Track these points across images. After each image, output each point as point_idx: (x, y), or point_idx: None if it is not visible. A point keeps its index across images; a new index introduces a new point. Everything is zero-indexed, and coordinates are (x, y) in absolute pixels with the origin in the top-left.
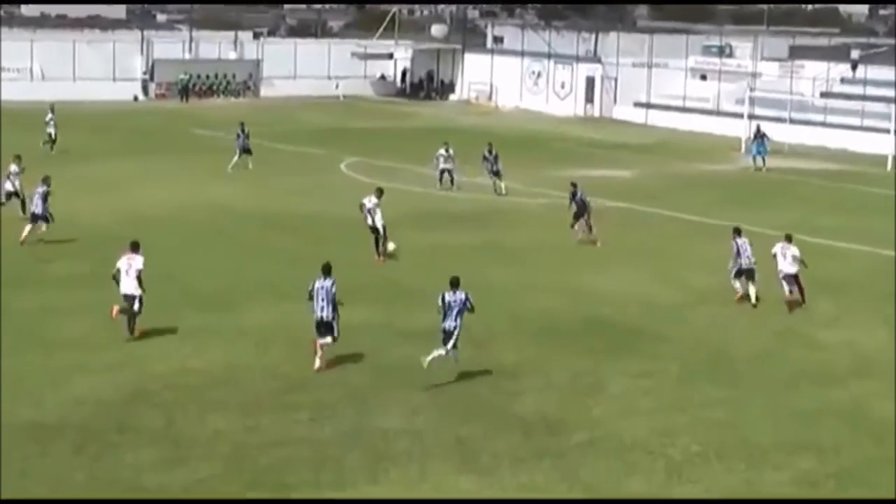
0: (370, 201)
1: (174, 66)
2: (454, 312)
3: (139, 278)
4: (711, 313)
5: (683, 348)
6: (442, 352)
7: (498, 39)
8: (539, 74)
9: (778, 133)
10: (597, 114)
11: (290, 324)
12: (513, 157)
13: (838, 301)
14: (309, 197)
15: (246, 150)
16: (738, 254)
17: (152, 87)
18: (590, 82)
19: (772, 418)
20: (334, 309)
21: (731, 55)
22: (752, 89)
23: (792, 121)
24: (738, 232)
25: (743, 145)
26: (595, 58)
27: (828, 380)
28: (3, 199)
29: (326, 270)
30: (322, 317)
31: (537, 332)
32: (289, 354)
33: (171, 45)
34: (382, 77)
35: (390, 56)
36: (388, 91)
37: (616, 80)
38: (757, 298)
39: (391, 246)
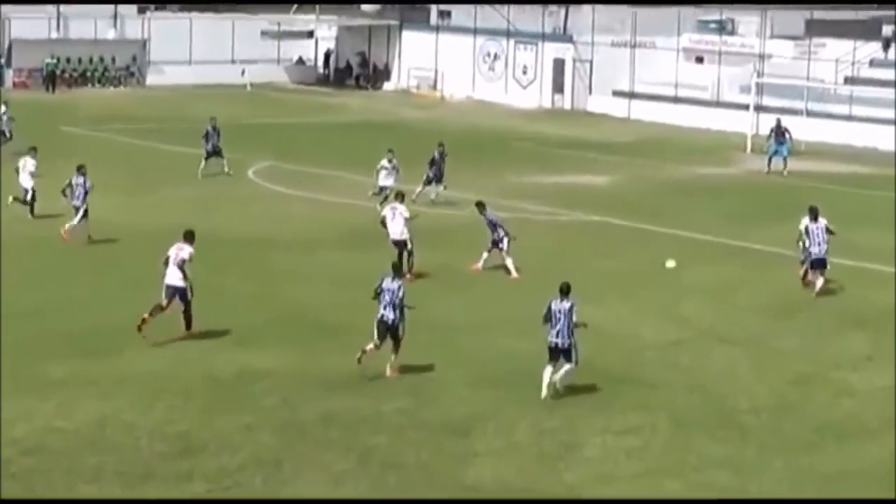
0: (393, 210)
1: (38, 47)
2: (561, 326)
3: (182, 269)
4: (712, 354)
5: (677, 397)
6: (550, 370)
7: (444, 14)
8: (496, 57)
9: (793, 128)
10: (567, 105)
11: (183, 371)
12: (463, 160)
13: (872, 337)
14: (208, 211)
15: (216, 152)
16: (809, 240)
17: (9, 74)
18: (559, 66)
19: (788, 483)
20: (401, 312)
21: (733, 32)
22: (759, 74)
23: (809, 113)
24: (813, 214)
25: (749, 143)
26: (565, 36)
27: (858, 435)
28: (27, 199)
29: (396, 270)
30: (386, 318)
31: (495, 378)
32: (182, 410)
33: (34, 23)
34: (300, 61)
35: (310, 35)
36: (307, 78)
37: (591, 63)
38: (823, 286)
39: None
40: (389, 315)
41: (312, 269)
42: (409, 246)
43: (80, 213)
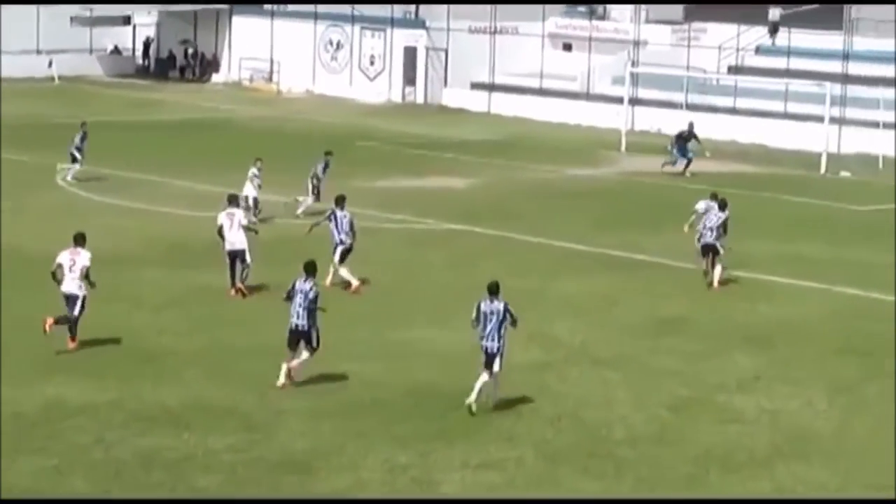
0: (231, 217)
1: None
2: (492, 328)
3: (87, 277)
4: (584, 377)
5: (545, 427)
6: (486, 377)
7: None
8: (339, 45)
9: (670, 123)
10: (420, 99)
11: None
12: (300, 163)
13: (761, 355)
14: (9, 224)
15: (72, 157)
16: (705, 223)
17: None
18: (410, 56)
19: None
20: (310, 316)
21: (604, 16)
22: (634, 63)
23: (689, 106)
24: (721, 203)
25: (623, 141)
26: (417, 21)
27: (745, 465)
28: None
29: (309, 270)
30: (297, 325)
31: (341, 408)
32: None
33: None
34: (116, 50)
35: (127, 21)
36: (124, 70)
37: (446, 52)
38: (719, 283)
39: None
40: (301, 322)
41: (131, 289)
42: (247, 258)
43: None
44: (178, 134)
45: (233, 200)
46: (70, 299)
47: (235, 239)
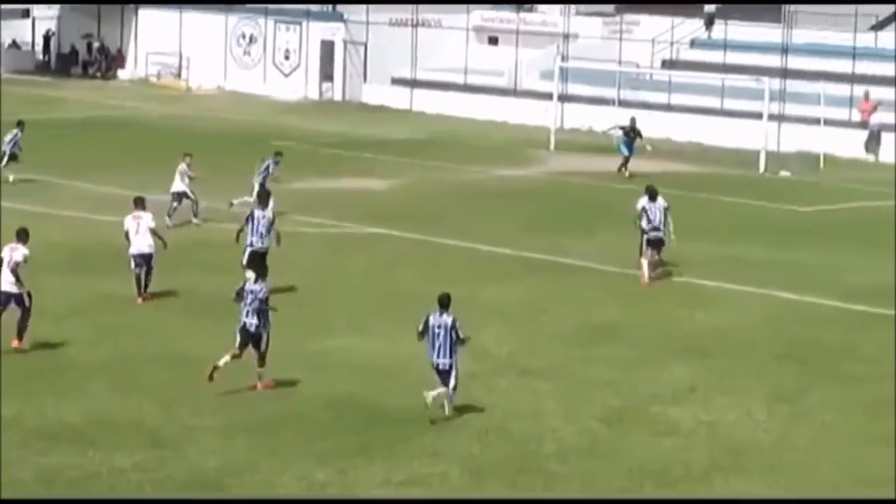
0: (137, 220)
1: None
2: (441, 343)
3: (15, 272)
4: (513, 388)
5: (471, 441)
6: (443, 389)
7: None
8: (252, 39)
9: (602, 120)
10: (338, 96)
11: None
12: (211, 163)
13: (697, 364)
14: None
15: (13, 157)
16: (648, 219)
17: None
18: (327, 50)
19: None
20: (259, 316)
21: (532, 8)
22: (563, 58)
23: (622, 103)
24: (651, 193)
25: (552, 139)
26: (334, 14)
27: (681, 479)
28: None
29: (259, 272)
30: (247, 323)
31: (255, 423)
32: None
33: None
34: (14, 45)
35: (26, 14)
36: (23, 65)
37: (365, 46)
38: (658, 267)
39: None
40: (252, 321)
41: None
42: (151, 262)
43: None
44: (79, 133)
45: (139, 203)
46: (7, 297)
47: (142, 243)
